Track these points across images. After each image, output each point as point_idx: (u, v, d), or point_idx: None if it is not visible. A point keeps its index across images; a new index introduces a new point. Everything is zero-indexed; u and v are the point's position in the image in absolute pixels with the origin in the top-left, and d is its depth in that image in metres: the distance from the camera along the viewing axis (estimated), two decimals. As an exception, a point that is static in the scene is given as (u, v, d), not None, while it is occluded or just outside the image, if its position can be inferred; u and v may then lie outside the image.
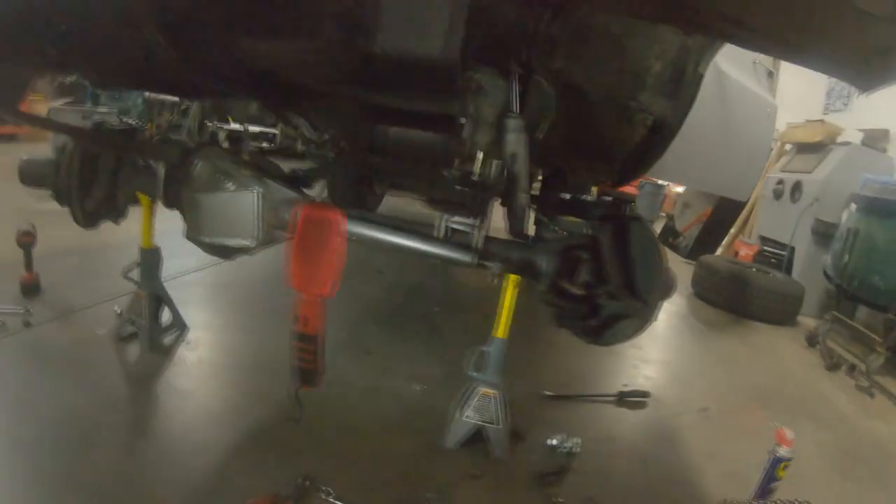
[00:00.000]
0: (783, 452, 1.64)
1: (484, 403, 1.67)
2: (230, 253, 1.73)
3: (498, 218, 1.64)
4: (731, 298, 4.16)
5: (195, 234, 1.72)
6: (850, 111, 4.97)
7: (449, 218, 1.50)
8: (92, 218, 2.05)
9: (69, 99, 5.22)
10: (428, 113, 1.51)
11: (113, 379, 1.92)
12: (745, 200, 4.92)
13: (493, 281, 1.51)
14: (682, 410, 2.39)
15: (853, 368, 3.31)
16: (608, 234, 1.53)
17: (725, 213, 5.56)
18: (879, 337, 3.42)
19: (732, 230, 5.50)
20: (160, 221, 2.07)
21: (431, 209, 1.54)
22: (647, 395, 2.40)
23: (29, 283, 2.47)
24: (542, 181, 2.53)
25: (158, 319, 2.17)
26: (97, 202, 2.01)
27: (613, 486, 1.75)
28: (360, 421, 1.83)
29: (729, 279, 4.22)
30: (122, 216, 2.12)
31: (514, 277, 1.58)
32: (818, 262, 4.20)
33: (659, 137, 1.66)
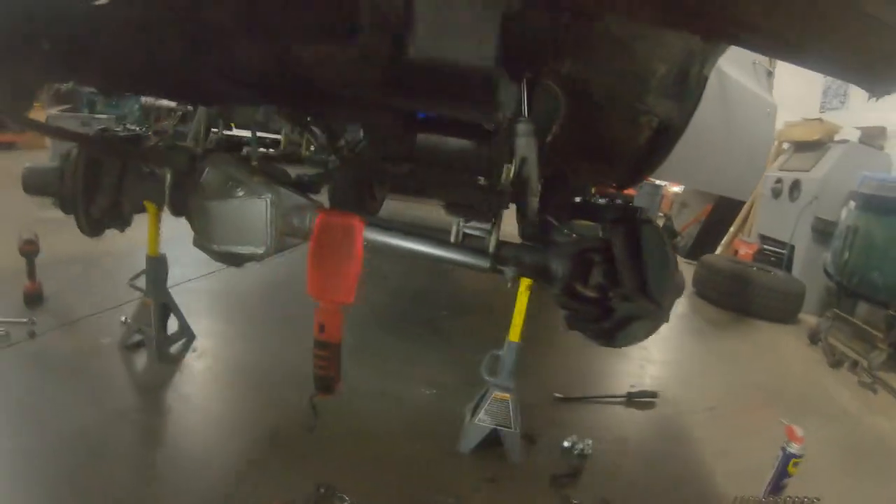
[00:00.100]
0: (794, 449, 1.65)
1: (498, 407, 1.67)
2: (240, 261, 1.71)
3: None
4: (732, 297, 4.18)
5: (204, 242, 1.70)
6: (846, 109, 5.00)
7: (463, 223, 1.50)
8: (97, 226, 2.03)
9: (66, 106, 5.18)
10: (460, 120, 1.50)
11: (121, 389, 1.90)
12: (746, 200, 4.95)
13: (508, 285, 1.51)
14: (689, 409, 2.40)
15: (856, 365, 3.32)
16: (621, 236, 1.54)
17: (724, 212, 5.59)
18: (881, 333, 3.46)
19: (731, 229, 5.53)
20: (162, 229, 2.06)
21: (451, 215, 1.52)
22: (655, 395, 2.41)
23: (32, 292, 2.44)
24: (542, 184, 2.53)
25: (165, 328, 2.15)
26: (102, 210, 1.99)
27: (627, 486, 1.75)
28: (373, 426, 1.82)
29: (730, 278, 4.24)
30: (127, 224, 2.10)
31: (527, 281, 1.58)
32: (818, 259, 4.22)
33: (664, 139, 1.66)
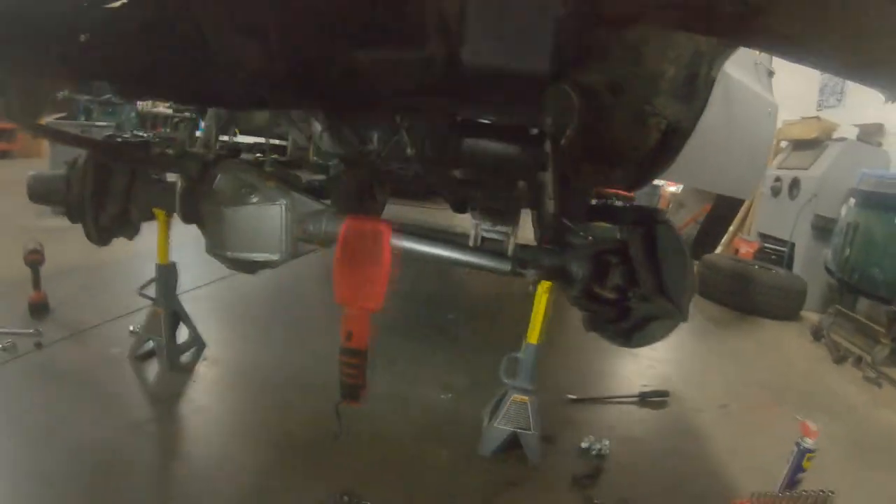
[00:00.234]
0: (809, 444, 1.66)
1: (518, 410, 1.67)
2: (254, 268, 1.70)
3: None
4: (735, 295, 4.20)
5: (217, 249, 1.69)
6: (843, 107, 5.04)
7: (482, 227, 1.50)
8: (106, 234, 2.01)
9: (61, 115, 5.13)
10: (507, 125, 1.50)
11: (133, 399, 1.87)
12: (747, 198, 4.98)
13: (530, 288, 1.51)
14: (701, 408, 2.41)
15: (860, 360, 3.35)
16: (638, 237, 1.54)
17: (724, 211, 5.62)
18: (883, 328, 3.49)
19: (731, 228, 5.56)
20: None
21: (477, 219, 1.51)
22: (666, 394, 2.41)
23: (37, 302, 2.41)
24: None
25: (175, 337, 2.13)
26: (111, 218, 1.97)
27: (646, 485, 1.76)
28: (392, 432, 1.82)
29: (732, 276, 4.26)
30: (136, 232, 2.08)
31: (547, 283, 1.58)
32: (818, 257, 4.25)
33: (673, 141, 1.66)
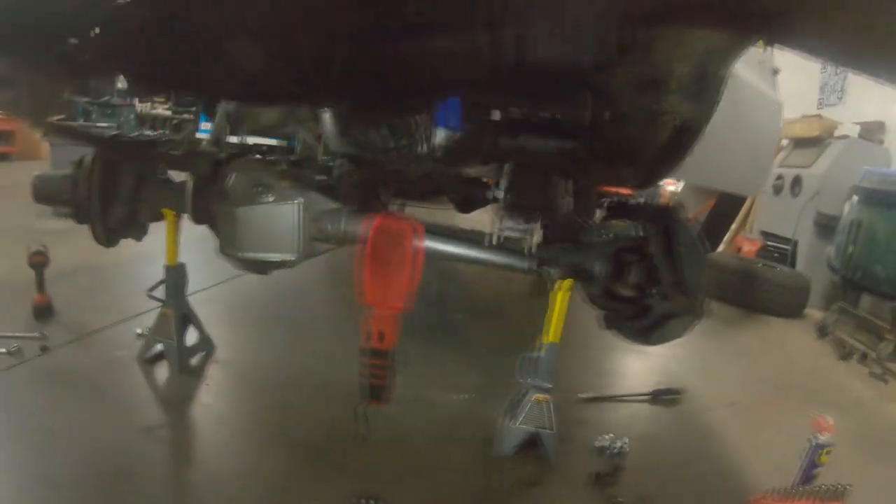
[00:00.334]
0: (824, 439, 1.67)
1: (537, 409, 1.65)
2: (268, 268, 1.68)
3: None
4: (739, 293, 4.20)
5: (230, 249, 1.66)
6: (843, 105, 5.05)
7: (501, 226, 1.48)
8: (113, 236, 1.98)
9: (60, 116, 5.08)
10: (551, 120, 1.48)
11: (144, 404, 1.85)
12: (753, 195, 4.98)
13: (550, 288, 1.49)
14: (713, 405, 2.41)
15: (865, 357, 3.36)
16: (657, 235, 1.53)
17: (726, 209, 5.62)
18: (887, 325, 3.51)
19: (733, 226, 5.56)
20: (161, 239, 1.99)
21: (507, 216, 1.49)
22: (679, 392, 2.41)
23: (42, 305, 2.38)
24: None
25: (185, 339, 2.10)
26: (119, 219, 1.94)
27: (665, 482, 1.75)
28: (409, 434, 1.80)
29: (736, 275, 4.27)
30: (144, 233, 2.05)
31: (567, 281, 1.56)
32: (821, 254, 4.26)
33: (683, 139, 1.66)
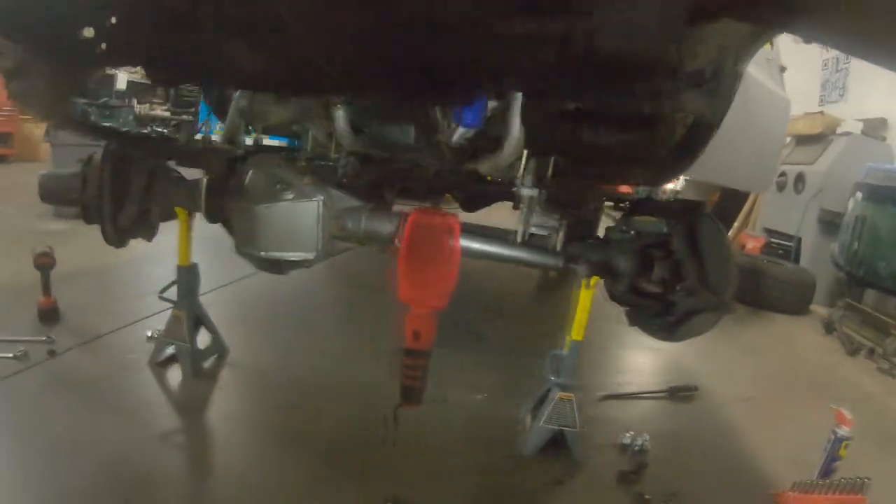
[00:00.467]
0: (844, 432, 1.67)
1: (562, 408, 1.63)
2: (287, 267, 1.64)
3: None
4: (746, 290, 4.20)
5: (248, 249, 1.62)
6: (845, 102, 5.08)
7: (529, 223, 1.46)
8: (124, 236, 1.93)
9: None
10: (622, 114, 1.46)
11: (158, 408, 1.80)
12: (760, 192, 4.98)
13: (574, 287, 1.47)
14: (728, 401, 2.41)
15: (872, 352, 3.38)
16: (682, 231, 1.51)
17: (729, 206, 5.63)
18: (892, 320, 3.53)
19: (736, 224, 5.59)
20: (167, 239, 1.97)
21: (551, 211, 1.47)
22: (695, 388, 2.41)
23: (47, 308, 2.32)
24: None
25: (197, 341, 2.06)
26: (130, 218, 1.89)
27: (690, 478, 1.75)
28: (432, 434, 1.77)
29: (742, 272, 4.26)
30: (154, 233, 2.01)
31: (593, 278, 1.54)
32: (825, 251, 4.27)
33: (698, 136, 1.65)
